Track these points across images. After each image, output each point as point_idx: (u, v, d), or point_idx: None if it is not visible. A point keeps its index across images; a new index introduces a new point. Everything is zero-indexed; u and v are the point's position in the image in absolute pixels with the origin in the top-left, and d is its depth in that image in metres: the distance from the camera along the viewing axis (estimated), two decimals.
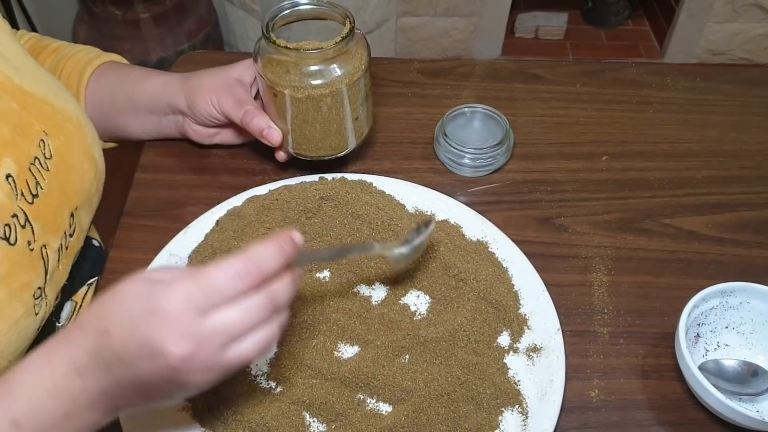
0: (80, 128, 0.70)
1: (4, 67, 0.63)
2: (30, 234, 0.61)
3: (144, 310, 0.45)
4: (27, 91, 0.64)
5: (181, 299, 0.45)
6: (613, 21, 2.59)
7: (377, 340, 0.66)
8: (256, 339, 0.47)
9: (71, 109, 0.69)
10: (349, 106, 0.75)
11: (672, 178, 0.84)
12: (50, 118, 0.66)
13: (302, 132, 0.76)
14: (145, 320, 0.45)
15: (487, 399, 0.63)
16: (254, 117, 0.75)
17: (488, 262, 0.72)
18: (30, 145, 0.63)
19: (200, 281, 0.45)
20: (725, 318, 0.68)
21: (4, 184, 0.58)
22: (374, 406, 0.63)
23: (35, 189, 0.62)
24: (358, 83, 0.74)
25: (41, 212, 0.62)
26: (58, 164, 0.65)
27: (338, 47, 0.71)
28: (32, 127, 0.63)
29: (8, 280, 0.57)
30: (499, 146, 0.81)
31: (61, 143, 0.66)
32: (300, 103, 0.73)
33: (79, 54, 0.82)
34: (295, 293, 0.51)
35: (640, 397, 0.65)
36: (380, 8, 2.16)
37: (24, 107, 0.63)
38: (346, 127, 0.77)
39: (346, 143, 0.78)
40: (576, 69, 0.98)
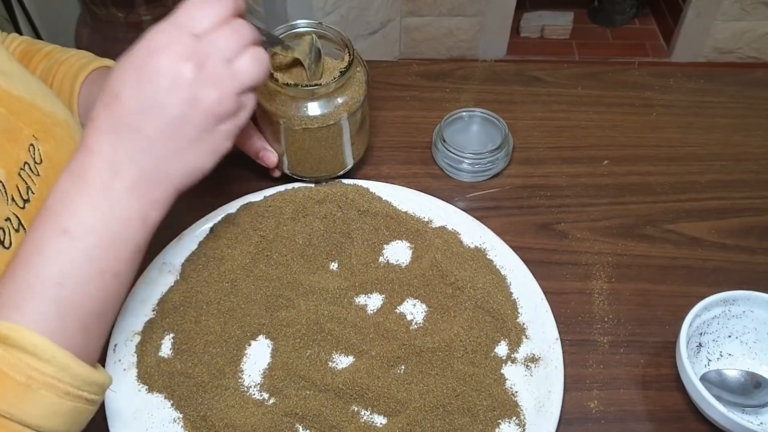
0: (69, 132, 0.69)
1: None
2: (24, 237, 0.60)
3: (142, 55, 0.51)
4: (15, 95, 0.64)
5: (171, 30, 0.51)
6: (619, 20, 2.57)
7: (372, 350, 0.65)
8: (250, 53, 0.54)
9: (60, 113, 0.69)
10: (347, 134, 0.74)
11: (674, 182, 0.82)
12: (39, 123, 0.65)
13: (298, 157, 0.75)
14: (147, 59, 0.50)
15: (484, 411, 0.61)
16: (250, 138, 0.75)
17: (486, 270, 0.71)
18: (20, 150, 0.62)
19: (181, 12, 0.52)
20: (728, 327, 0.67)
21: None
22: (368, 418, 0.62)
23: (26, 194, 0.61)
24: (356, 113, 0.73)
25: (33, 217, 0.61)
26: (48, 168, 0.65)
27: (337, 82, 0.70)
28: (21, 132, 0.63)
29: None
30: (498, 151, 0.80)
31: (51, 147, 0.65)
32: (297, 134, 0.72)
33: (72, 59, 0.81)
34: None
35: (640, 409, 0.64)
36: (384, 8, 2.15)
37: (12, 112, 0.62)
38: (343, 152, 0.76)
39: (342, 165, 0.78)
40: (577, 71, 0.96)
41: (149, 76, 0.50)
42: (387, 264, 0.72)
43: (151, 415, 0.62)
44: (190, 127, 0.52)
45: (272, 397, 0.63)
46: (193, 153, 0.54)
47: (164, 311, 0.67)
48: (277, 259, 0.71)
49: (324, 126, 0.71)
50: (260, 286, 0.69)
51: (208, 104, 0.52)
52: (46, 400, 0.46)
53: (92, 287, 0.50)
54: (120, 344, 0.65)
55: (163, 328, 0.66)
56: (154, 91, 0.50)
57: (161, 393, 0.63)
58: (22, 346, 0.45)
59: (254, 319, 0.67)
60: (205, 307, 0.67)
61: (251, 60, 0.54)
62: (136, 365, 0.64)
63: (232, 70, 0.53)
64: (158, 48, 0.50)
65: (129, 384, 0.63)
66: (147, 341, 0.65)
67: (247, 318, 0.67)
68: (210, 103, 0.52)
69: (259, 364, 0.65)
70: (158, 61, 0.50)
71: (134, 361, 0.65)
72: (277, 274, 0.70)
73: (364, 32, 2.16)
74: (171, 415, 0.62)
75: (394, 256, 0.73)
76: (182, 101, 0.51)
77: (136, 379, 0.64)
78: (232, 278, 0.69)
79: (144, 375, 0.64)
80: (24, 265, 0.49)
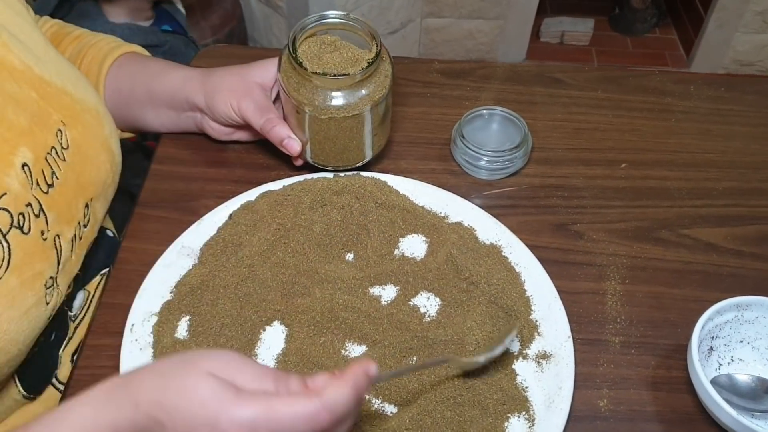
0: (98, 119, 0.70)
1: (25, 57, 0.63)
2: (44, 224, 0.61)
3: (205, 421, 0.44)
4: (47, 80, 0.65)
5: (245, 424, 0.44)
6: (640, 28, 2.57)
7: (385, 340, 0.66)
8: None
9: (90, 100, 0.70)
10: (370, 125, 0.75)
11: (692, 188, 0.83)
12: (68, 109, 0.66)
13: (321, 146, 0.76)
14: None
15: (494, 404, 0.62)
16: (275, 126, 0.76)
17: (501, 267, 0.72)
18: (47, 134, 0.63)
19: (270, 416, 0.44)
20: (740, 332, 0.67)
21: (20, 173, 0.59)
22: (379, 406, 0.62)
23: (51, 179, 0.62)
24: (380, 104, 0.74)
25: (56, 202, 0.63)
26: (74, 155, 0.65)
27: (364, 72, 0.71)
28: (50, 117, 0.64)
29: (20, 269, 0.58)
30: (517, 150, 0.80)
31: (79, 134, 0.66)
32: (321, 123, 0.73)
33: (101, 43, 0.82)
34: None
35: (649, 409, 0.64)
36: (405, 9, 2.15)
37: (43, 96, 0.63)
38: (365, 142, 0.77)
39: (363, 156, 0.79)
40: (598, 75, 0.97)
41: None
42: (402, 257, 0.73)
43: None
44: None
45: None
46: None
47: (181, 294, 0.68)
48: (294, 247, 0.71)
49: (349, 116, 0.72)
50: (277, 272, 0.70)
51: None
52: None
53: None
54: (137, 324, 0.66)
55: (180, 310, 0.67)
56: None
57: None
58: None
59: (270, 305, 0.68)
60: (222, 291, 0.68)
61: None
62: (152, 345, 0.65)
63: None
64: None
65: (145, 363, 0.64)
66: (164, 322, 0.66)
67: (263, 303, 0.68)
68: None
69: (273, 349, 0.66)
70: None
71: (150, 342, 0.65)
72: (294, 262, 0.71)
73: (384, 32, 2.16)
74: None
75: (410, 249, 0.74)
76: None
77: (152, 359, 0.65)
78: (249, 264, 0.70)
79: (160, 355, 0.64)
80: None
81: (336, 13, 0.74)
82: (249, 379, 0.46)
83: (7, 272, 0.56)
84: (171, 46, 1.37)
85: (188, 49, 1.42)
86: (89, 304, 0.75)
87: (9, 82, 0.60)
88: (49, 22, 0.84)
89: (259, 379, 0.47)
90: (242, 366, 0.47)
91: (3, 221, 0.56)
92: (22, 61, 0.63)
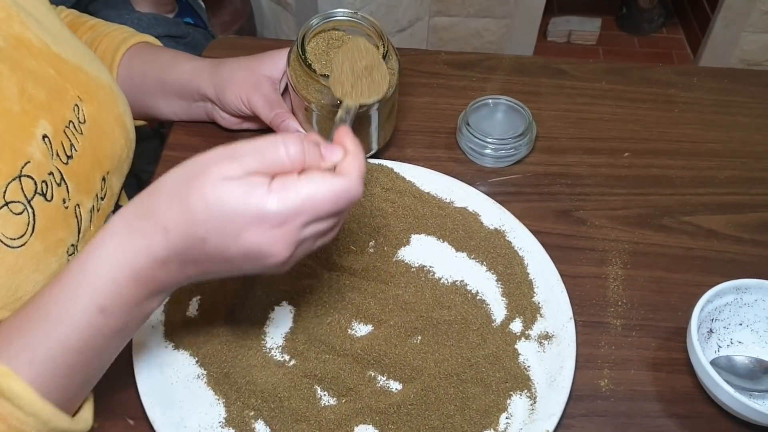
0: (112, 96, 0.72)
1: (42, 34, 0.65)
2: (65, 192, 0.63)
3: (249, 218, 0.46)
4: (63, 57, 0.66)
5: (288, 218, 0.47)
6: (647, 28, 2.58)
7: (390, 320, 0.67)
8: (332, 234, 0.52)
9: (104, 78, 0.71)
10: (377, 121, 0.77)
11: (694, 176, 0.84)
12: (84, 85, 0.68)
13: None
14: (251, 230, 0.47)
15: (497, 382, 0.63)
16: (284, 120, 0.77)
17: (504, 250, 0.73)
18: (65, 109, 0.65)
19: (312, 200, 0.47)
20: (739, 315, 0.68)
21: (41, 144, 0.60)
22: (384, 383, 0.64)
23: (70, 151, 0.64)
24: (387, 103, 0.76)
25: (75, 173, 0.64)
26: (91, 129, 0.67)
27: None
28: (67, 92, 0.65)
29: (44, 235, 0.59)
30: (521, 138, 0.82)
31: (94, 109, 0.68)
32: (329, 121, 0.75)
33: (115, 33, 0.84)
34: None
35: (649, 389, 0.66)
36: (413, 7, 2.17)
37: (60, 73, 0.65)
38: (372, 137, 0.79)
39: (370, 148, 0.81)
40: (603, 66, 0.98)
41: (245, 247, 0.47)
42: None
43: (176, 370, 0.64)
44: (246, 272, 0.51)
45: (293, 359, 0.65)
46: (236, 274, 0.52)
47: None
48: None
49: (357, 115, 0.73)
50: None
51: (272, 270, 0.51)
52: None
53: (107, 353, 0.53)
54: None
55: (190, 289, 0.69)
56: (243, 259, 0.49)
57: (186, 350, 0.65)
58: (8, 397, 0.48)
59: (278, 285, 0.69)
60: None
61: (326, 240, 0.53)
62: (163, 323, 0.67)
63: (312, 248, 0.52)
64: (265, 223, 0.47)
65: (156, 340, 0.66)
66: (175, 301, 0.68)
67: (271, 284, 0.69)
68: (274, 270, 0.51)
69: (281, 328, 0.68)
70: (260, 240, 0.47)
71: (162, 319, 0.67)
72: None
73: (392, 30, 2.18)
74: (195, 371, 0.64)
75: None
76: (256, 268, 0.50)
77: (163, 335, 0.66)
78: None
79: (171, 332, 0.66)
80: (48, 326, 0.49)
81: (344, 11, 0.76)
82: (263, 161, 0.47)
83: (32, 237, 0.58)
84: (192, 38, 1.39)
85: (207, 41, 1.44)
86: None
87: (27, 58, 0.62)
88: (65, 11, 0.86)
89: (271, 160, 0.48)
90: (247, 154, 0.47)
91: (27, 188, 0.58)
92: (40, 39, 0.65)
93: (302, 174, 0.48)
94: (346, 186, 0.48)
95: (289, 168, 0.48)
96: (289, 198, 0.46)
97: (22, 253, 0.57)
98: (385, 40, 0.74)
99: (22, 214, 0.57)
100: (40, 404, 0.48)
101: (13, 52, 0.61)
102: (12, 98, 0.59)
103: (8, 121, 0.58)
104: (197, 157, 0.48)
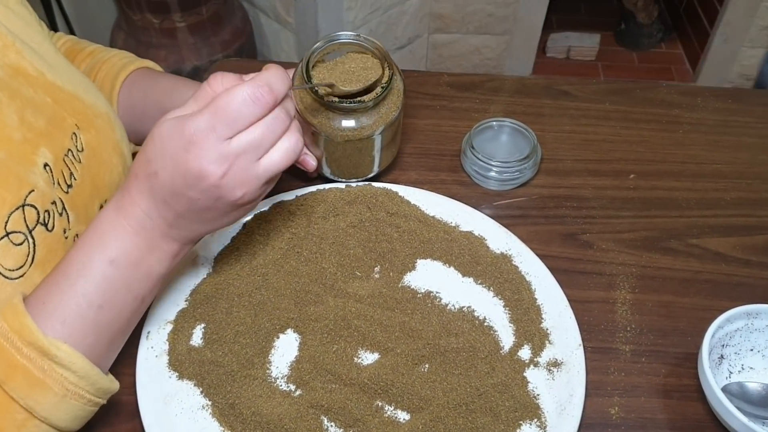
0: (109, 124, 0.71)
1: (38, 63, 0.65)
2: (66, 222, 0.62)
3: (179, 146, 0.53)
4: (59, 86, 0.66)
5: (206, 130, 0.52)
6: (645, 43, 2.58)
7: (397, 348, 0.67)
8: (283, 146, 0.56)
9: (101, 106, 0.71)
10: (382, 143, 0.77)
11: (700, 198, 0.83)
12: (81, 113, 0.68)
13: (334, 160, 0.79)
14: (182, 155, 0.53)
15: (506, 411, 0.62)
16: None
17: (511, 275, 0.72)
18: (64, 137, 0.64)
19: (217, 111, 0.53)
20: (750, 340, 0.67)
21: (43, 172, 0.60)
22: (392, 413, 0.63)
23: (69, 179, 0.64)
24: (393, 124, 0.76)
25: (75, 203, 0.64)
26: (89, 157, 0.67)
27: (378, 99, 0.72)
28: (65, 121, 0.65)
29: (44, 266, 0.59)
30: (526, 160, 0.81)
31: (92, 137, 0.68)
32: (336, 145, 0.76)
33: (114, 59, 0.83)
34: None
35: (660, 417, 0.65)
36: (412, 24, 2.18)
37: (57, 101, 0.65)
38: (377, 158, 0.79)
39: (373, 169, 0.81)
40: (606, 87, 0.98)
41: (182, 171, 0.53)
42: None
43: (181, 401, 0.63)
44: (215, 212, 0.57)
45: (299, 388, 0.64)
46: (215, 223, 0.59)
47: (196, 302, 0.69)
48: (308, 256, 0.72)
49: (363, 137, 0.74)
50: (290, 281, 0.71)
51: (232, 200, 0.55)
52: (74, 408, 0.54)
53: (126, 311, 0.58)
54: (153, 332, 0.67)
55: (194, 317, 0.68)
56: (185, 186, 0.54)
57: (191, 380, 0.65)
58: (64, 364, 0.53)
59: (283, 312, 0.69)
60: (236, 299, 0.69)
61: (281, 153, 0.56)
62: (167, 353, 0.66)
63: (259, 168, 0.55)
64: (193, 145, 0.53)
65: (160, 370, 0.65)
66: (179, 330, 0.67)
67: (276, 311, 0.69)
68: (234, 199, 0.55)
69: (286, 356, 0.67)
70: (190, 161, 0.53)
71: (166, 349, 0.66)
72: (307, 271, 0.71)
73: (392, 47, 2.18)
74: (200, 402, 0.63)
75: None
76: (208, 198, 0.55)
77: (167, 366, 0.65)
78: (263, 272, 0.71)
79: (175, 362, 0.65)
80: (71, 283, 0.55)
81: (347, 34, 0.75)
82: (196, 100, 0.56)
83: (31, 268, 0.58)
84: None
85: None
86: None
87: (25, 87, 0.62)
88: (64, 38, 0.86)
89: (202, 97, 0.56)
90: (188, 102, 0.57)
91: (30, 217, 0.58)
92: (36, 68, 0.65)
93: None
94: (250, 88, 0.53)
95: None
96: (202, 113, 0.53)
97: (20, 284, 0.56)
98: (390, 63, 0.74)
99: (23, 245, 0.57)
100: (89, 366, 0.54)
101: (11, 80, 0.61)
102: (13, 126, 0.59)
103: (10, 149, 0.58)
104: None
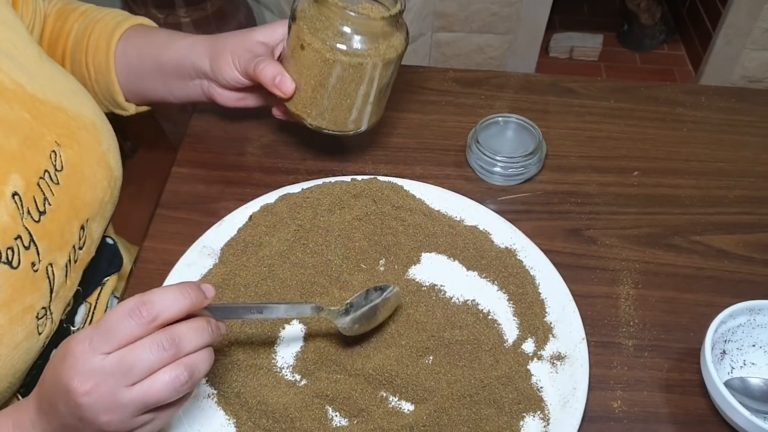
0: (95, 135, 0.69)
1: (16, 75, 0.62)
2: (34, 255, 0.60)
3: (61, 353, 0.50)
4: (40, 98, 0.63)
5: (83, 341, 0.49)
6: (648, 44, 2.58)
7: (402, 339, 0.67)
8: (161, 378, 0.49)
9: (87, 115, 0.68)
10: (368, 87, 0.73)
11: (703, 196, 0.84)
12: (63, 127, 0.65)
13: (313, 94, 0.73)
14: (60, 365, 0.49)
15: (509, 403, 0.63)
16: (267, 65, 0.73)
17: (516, 269, 0.73)
18: (40, 157, 0.61)
19: (99, 324, 0.49)
20: (752, 336, 0.68)
21: (10, 204, 0.57)
22: (396, 404, 0.64)
23: (42, 206, 0.61)
24: (387, 67, 0.73)
25: (47, 230, 0.61)
26: (69, 176, 0.64)
27: (385, 23, 0.69)
28: (44, 138, 0.62)
29: (9, 306, 0.57)
30: (531, 156, 0.82)
31: (74, 153, 0.65)
32: (324, 64, 0.71)
33: (107, 17, 0.81)
34: (214, 342, 0.53)
35: (663, 411, 0.65)
36: (416, 23, 2.18)
37: (36, 116, 0.62)
38: (357, 107, 0.75)
39: (347, 124, 0.76)
40: (611, 85, 0.98)
41: (55, 381, 0.50)
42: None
43: None
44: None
45: (304, 378, 0.65)
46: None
47: None
48: (313, 248, 0.73)
49: (354, 65, 0.70)
50: (296, 272, 0.71)
51: (96, 424, 0.50)
52: None
53: None
54: None
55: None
56: (57, 398, 0.50)
57: None
58: None
59: None
60: (242, 290, 0.69)
61: (158, 386, 0.49)
62: None
63: (128, 395, 0.48)
64: (69, 354, 0.49)
65: None
66: None
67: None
68: (98, 424, 0.49)
69: (292, 347, 0.67)
70: (62, 371, 0.49)
71: None
72: (313, 263, 0.72)
73: None
74: (206, 391, 0.64)
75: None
76: (72, 416, 0.50)
77: None
78: (269, 264, 0.71)
79: None
80: None
81: None
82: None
83: None
84: None
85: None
86: (92, 316, 0.75)
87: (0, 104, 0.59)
88: (53, 0, 0.82)
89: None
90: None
91: None
92: (13, 80, 0.61)
93: None
94: (129, 304, 0.49)
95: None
96: (79, 336, 0.49)
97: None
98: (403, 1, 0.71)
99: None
100: None
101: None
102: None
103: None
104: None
